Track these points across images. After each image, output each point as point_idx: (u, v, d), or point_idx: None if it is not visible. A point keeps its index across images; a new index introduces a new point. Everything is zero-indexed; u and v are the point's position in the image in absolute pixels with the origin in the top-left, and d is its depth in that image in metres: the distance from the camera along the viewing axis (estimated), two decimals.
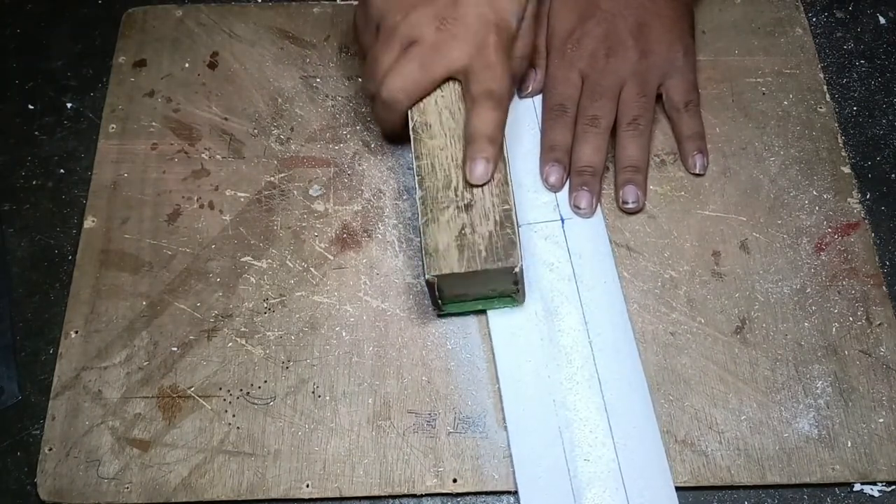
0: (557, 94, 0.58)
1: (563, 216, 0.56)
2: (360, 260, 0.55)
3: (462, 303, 0.52)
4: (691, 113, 0.58)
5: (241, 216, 0.57)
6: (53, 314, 0.54)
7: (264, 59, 0.63)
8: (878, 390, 0.51)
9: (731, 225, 0.56)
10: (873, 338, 0.52)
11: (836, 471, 0.49)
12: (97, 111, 0.61)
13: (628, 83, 0.57)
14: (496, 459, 0.49)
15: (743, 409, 0.50)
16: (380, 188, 0.58)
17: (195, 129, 0.60)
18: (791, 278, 0.54)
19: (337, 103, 0.61)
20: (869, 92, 0.63)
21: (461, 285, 0.50)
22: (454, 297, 0.51)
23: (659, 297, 0.54)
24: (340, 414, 0.51)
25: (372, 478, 0.49)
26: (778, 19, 0.65)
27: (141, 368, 0.52)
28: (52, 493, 0.49)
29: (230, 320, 0.53)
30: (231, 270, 0.55)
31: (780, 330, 0.53)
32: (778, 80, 0.62)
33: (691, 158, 0.58)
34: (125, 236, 0.56)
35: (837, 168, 0.58)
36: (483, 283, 0.50)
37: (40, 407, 0.51)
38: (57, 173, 0.60)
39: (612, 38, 0.57)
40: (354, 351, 0.52)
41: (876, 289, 0.54)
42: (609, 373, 0.51)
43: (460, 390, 0.51)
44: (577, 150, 0.57)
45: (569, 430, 0.49)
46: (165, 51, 0.64)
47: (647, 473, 0.48)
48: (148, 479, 0.49)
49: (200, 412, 0.51)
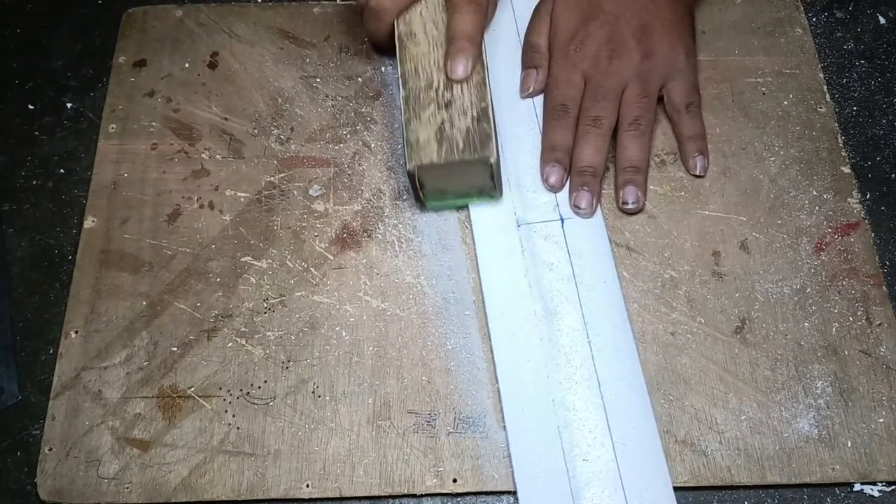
0: (559, 95, 0.58)
1: (562, 216, 0.56)
2: (360, 260, 0.55)
3: (443, 198, 0.55)
4: (692, 114, 0.59)
5: (241, 216, 0.57)
6: (53, 314, 0.54)
7: (264, 59, 0.63)
8: (878, 390, 0.51)
9: (731, 225, 0.56)
10: (873, 338, 0.52)
11: (836, 471, 0.49)
12: (97, 111, 0.61)
13: (630, 84, 0.57)
14: (496, 459, 0.49)
15: (743, 409, 0.50)
16: (380, 188, 0.58)
17: (195, 129, 0.60)
18: (791, 278, 0.54)
19: (337, 103, 0.61)
20: (869, 92, 0.63)
21: (441, 178, 0.52)
22: (435, 191, 0.54)
23: (659, 297, 0.54)
24: (340, 414, 0.51)
25: (372, 478, 0.49)
26: (778, 19, 0.65)
27: (141, 368, 0.52)
28: (52, 493, 0.49)
29: (230, 320, 0.53)
30: (231, 270, 0.55)
31: (780, 330, 0.53)
32: (778, 80, 0.62)
33: (692, 160, 0.58)
34: (125, 236, 0.56)
35: (837, 168, 0.58)
36: (461, 177, 0.53)
37: (40, 407, 0.51)
38: (57, 173, 0.60)
39: (615, 39, 0.57)
40: (354, 351, 0.52)
41: (876, 289, 0.54)
42: (608, 373, 0.51)
43: (460, 390, 0.51)
44: (578, 151, 0.57)
45: (568, 430, 0.49)
46: (165, 51, 0.64)
47: (645, 474, 0.48)
48: (148, 479, 0.49)
49: (200, 412, 0.51)
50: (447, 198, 0.55)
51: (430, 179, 0.52)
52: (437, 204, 0.56)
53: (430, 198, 0.55)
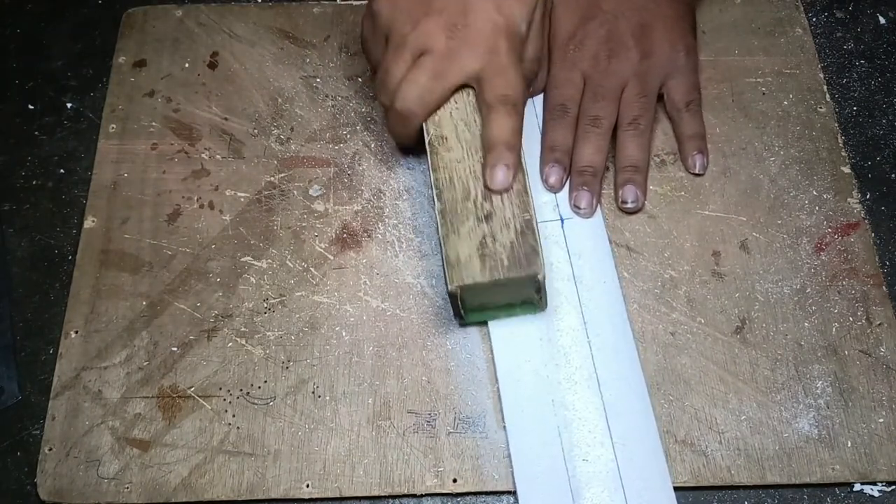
0: (559, 95, 0.58)
1: (562, 216, 0.56)
2: (360, 260, 0.55)
3: (484, 311, 0.51)
4: (692, 113, 0.59)
5: (241, 216, 0.57)
6: (53, 314, 0.54)
7: (264, 59, 0.63)
8: (878, 390, 0.51)
9: (731, 225, 0.56)
10: (873, 338, 0.52)
11: (836, 471, 0.49)
12: (97, 111, 0.61)
13: (630, 84, 0.57)
14: (496, 459, 0.49)
15: (743, 409, 0.50)
16: (380, 188, 0.58)
17: (195, 129, 0.60)
18: (791, 278, 0.54)
19: (337, 103, 0.61)
20: (869, 92, 0.63)
21: (483, 295, 0.49)
22: (476, 307, 0.51)
23: (659, 297, 0.54)
24: (340, 414, 0.51)
25: (372, 478, 0.49)
26: (778, 19, 0.65)
27: (141, 368, 0.52)
28: (52, 493, 0.49)
29: (230, 320, 0.53)
30: (231, 270, 0.55)
31: (780, 330, 0.53)
32: (778, 80, 0.62)
33: (691, 158, 0.58)
34: (125, 236, 0.56)
35: (837, 168, 0.58)
36: (505, 292, 0.50)
37: (40, 407, 0.51)
38: (57, 173, 0.60)
39: (615, 39, 0.57)
40: (354, 351, 0.52)
41: (876, 289, 0.54)
42: (608, 373, 0.51)
43: (460, 390, 0.51)
44: (578, 151, 0.57)
45: (567, 430, 0.49)
46: (165, 51, 0.64)
47: (645, 474, 0.48)
48: (148, 479, 0.49)
49: (200, 412, 0.51)
50: (488, 311, 0.52)
51: (473, 298, 0.49)
52: (476, 318, 0.52)
53: (470, 314, 0.51)
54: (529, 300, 0.51)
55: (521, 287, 0.49)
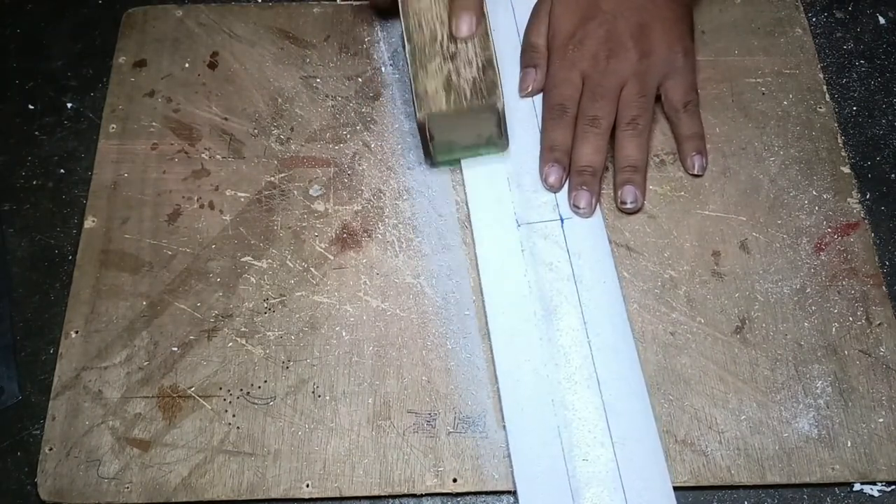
0: (558, 95, 0.58)
1: (562, 216, 0.56)
2: (360, 260, 0.55)
3: (452, 151, 0.56)
4: (690, 113, 0.59)
5: (241, 216, 0.57)
6: (53, 314, 0.54)
7: (264, 59, 0.63)
8: (878, 390, 0.51)
9: (731, 225, 0.56)
10: (873, 338, 0.52)
11: (836, 471, 0.49)
12: (97, 111, 0.61)
13: (628, 83, 0.57)
14: (496, 459, 0.49)
15: (743, 409, 0.50)
16: (380, 188, 0.58)
17: (195, 129, 0.60)
18: (791, 278, 0.54)
19: (337, 103, 0.61)
20: (869, 92, 0.63)
21: (449, 129, 0.54)
22: (444, 144, 0.55)
23: (659, 296, 0.54)
24: (340, 414, 0.51)
25: (372, 478, 0.49)
26: (778, 19, 0.65)
27: (141, 368, 0.52)
28: (52, 493, 0.49)
29: (230, 320, 0.53)
30: (231, 270, 0.55)
31: (780, 330, 0.53)
32: (778, 80, 0.62)
33: (690, 159, 0.58)
34: (125, 236, 0.56)
35: (837, 168, 0.58)
36: (469, 127, 0.55)
37: (40, 407, 0.51)
38: (57, 173, 0.60)
39: (614, 39, 0.57)
40: (354, 351, 0.52)
41: (876, 289, 0.54)
42: (608, 373, 0.51)
43: (460, 390, 0.51)
44: (577, 150, 0.57)
45: (567, 430, 0.49)
46: (165, 51, 0.64)
47: (645, 474, 0.48)
48: (148, 479, 0.49)
49: (200, 412, 0.51)
50: (455, 150, 0.57)
51: (440, 130, 0.54)
52: (445, 157, 0.57)
53: (438, 150, 0.56)
54: (493, 137, 0.56)
55: (483, 120, 0.54)
